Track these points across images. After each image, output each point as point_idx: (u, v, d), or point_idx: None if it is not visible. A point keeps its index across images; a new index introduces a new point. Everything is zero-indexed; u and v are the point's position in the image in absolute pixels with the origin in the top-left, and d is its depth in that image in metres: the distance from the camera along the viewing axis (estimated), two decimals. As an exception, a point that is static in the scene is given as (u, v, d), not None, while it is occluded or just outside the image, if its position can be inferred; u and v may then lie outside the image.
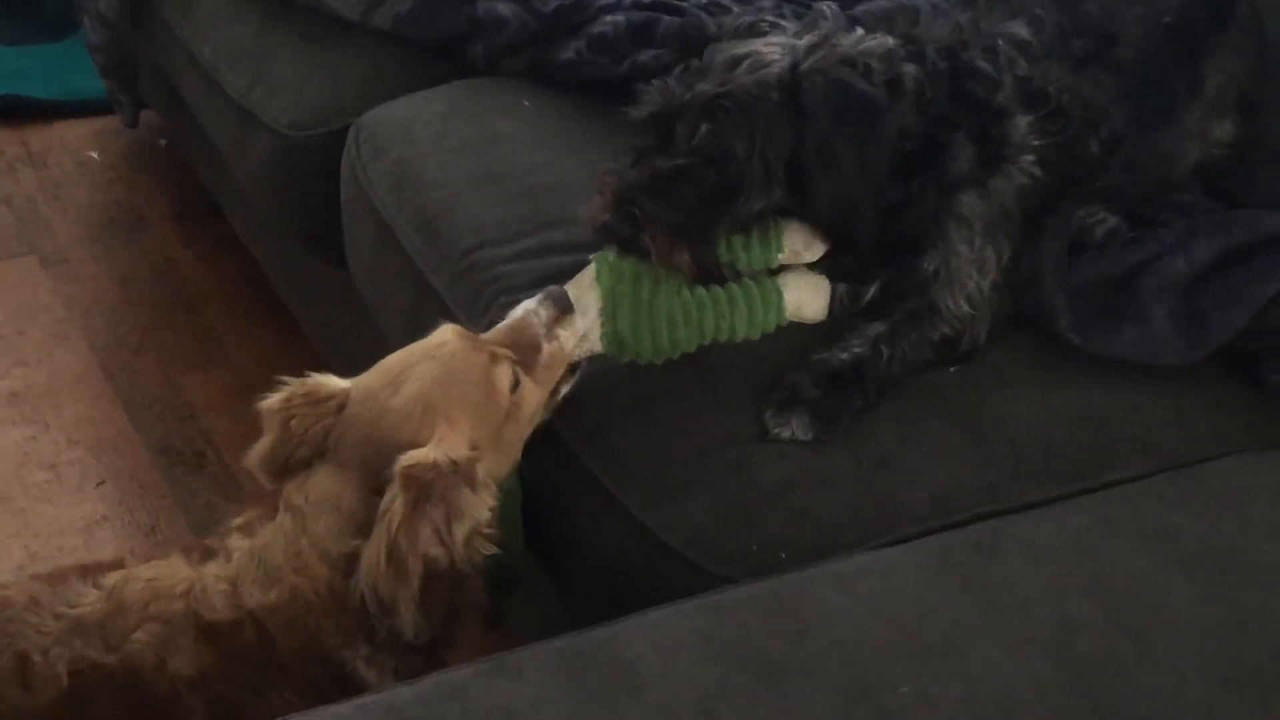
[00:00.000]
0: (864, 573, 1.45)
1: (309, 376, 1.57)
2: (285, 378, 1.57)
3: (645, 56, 1.99)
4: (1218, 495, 1.57)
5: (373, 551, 1.42)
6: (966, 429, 1.68)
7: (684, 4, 2.04)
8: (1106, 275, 1.76)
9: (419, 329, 1.88)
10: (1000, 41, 1.69)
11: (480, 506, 1.48)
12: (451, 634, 1.55)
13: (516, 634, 1.65)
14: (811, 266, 1.69)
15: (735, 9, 2.00)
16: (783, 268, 1.68)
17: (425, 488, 1.43)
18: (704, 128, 1.57)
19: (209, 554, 1.53)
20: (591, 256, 1.68)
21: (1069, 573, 1.45)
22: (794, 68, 1.59)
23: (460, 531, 1.46)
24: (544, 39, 2.07)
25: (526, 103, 2.07)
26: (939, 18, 1.70)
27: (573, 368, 1.63)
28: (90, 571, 1.54)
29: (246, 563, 1.50)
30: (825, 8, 1.68)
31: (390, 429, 1.49)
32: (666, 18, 2.01)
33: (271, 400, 1.55)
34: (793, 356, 1.70)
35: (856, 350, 1.68)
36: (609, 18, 2.04)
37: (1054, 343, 1.75)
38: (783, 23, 1.68)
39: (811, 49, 1.61)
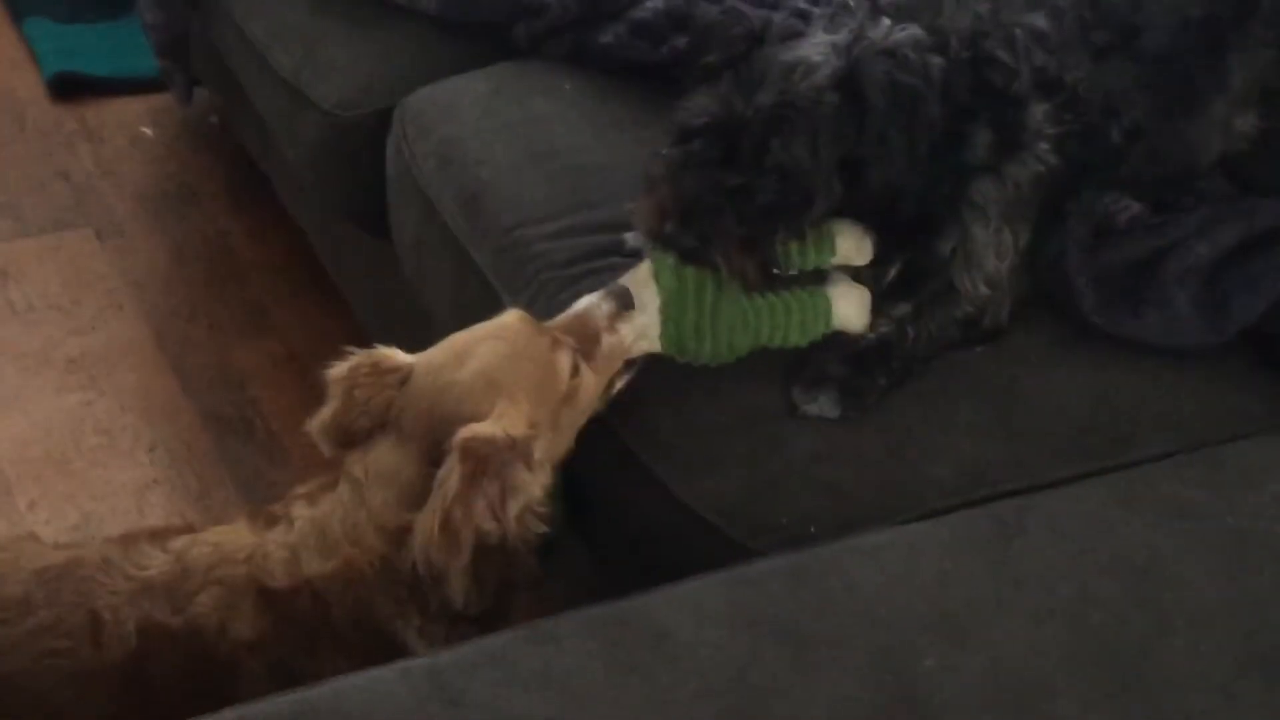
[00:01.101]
0: (890, 546, 1.47)
1: (376, 348, 1.58)
2: (351, 348, 1.59)
3: (683, 42, 1.99)
4: (1238, 475, 1.58)
5: (427, 520, 1.44)
6: (991, 407, 1.70)
7: (720, -11, 2.06)
8: (1130, 259, 1.77)
9: (461, 303, 1.92)
10: (1018, 31, 1.70)
11: (534, 484, 1.50)
12: (505, 607, 1.57)
13: (556, 602, 1.70)
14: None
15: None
16: (831, 272, 1.70)
17: (483, 461, 1.44)
18: (775, 143, 1.57)
19: (273, 521, 1.55)
20: (636, 244, 1.70)
21: (1090, 549, 1.47)
22: (848, 66, 1.59)
23: (514, 507, 1.47)
24: (584, 23, 2.08)
25: (567, 85, 2.08)
26: (960, 9, 1.70)
27: (629, 363, 1.65)
28: (159, 535, 1.57)
29: (307, 532, 1.52)
30: (852, 1, 1.69)
31: (452, 402, 1.51)
32: (704, 4, 2.00)
33: (338, 369, 1.57)
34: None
35: (883, 330, 1.70)
36: (648, 3, 2.04)
37: (1077, 324, 1.76)
38: (814, 11, 1.69)
39: (851, 45, 1.61)
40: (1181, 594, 1.44)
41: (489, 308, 1.67)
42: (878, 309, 1.72)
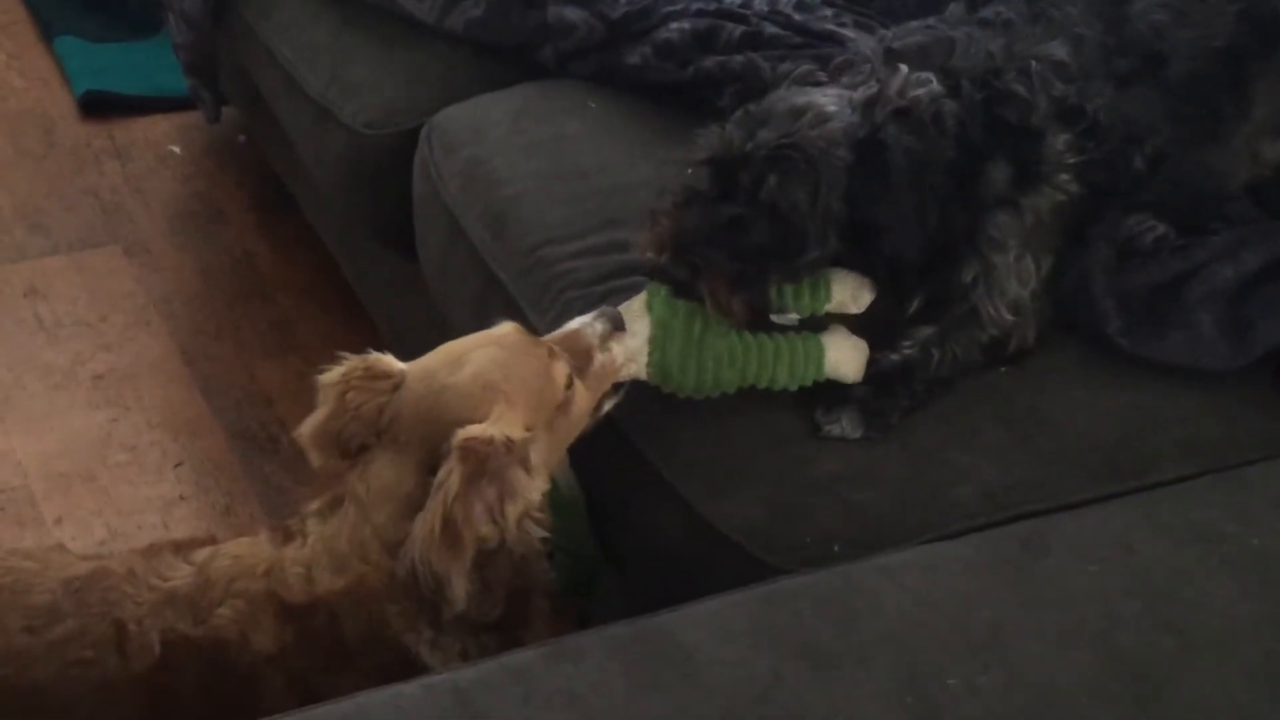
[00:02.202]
0: (913, 566, 1.48)
1: (369, 353, 1.58)
2: (345, 354, 1.58)
3: (709, 63, 2.00)
4: (1260, 498, 1.58)
5: (426, 522, 1.42)
6: (1015, 428, 1.70)
7: (747, 12, 2.05)
8: (1155, 281, 1.77)
9: (486, 321, 1.90)
10: (1034, 63, 1.69)
11: (532, 488, 1.48)
12: (522, 614, 1.56)
13: (581, 618, 1.70)
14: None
15: (796, 17, 2.03)
16: (828, 318, 1.70)
17: (481, 463, 1.43)
18: (772, 179, 1.57)
19: (289, 536, 1.56)
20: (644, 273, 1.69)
21: (1113, 570, 1.47)
22: (870, 129, 1.59)
23: (512, 511, 1.46)
24: (611, 44, 2.09)
25: (592, 105, 2.09)
26: (972, 47, 1.70)
27: (616, 387, 1.65)
28: (183, 546, 1.58)
29: (319, 549, 1.52)
30: (866, 49, 1.69)
31: (450, 405, 1.50)
32: (730, 25, 2.02)
33: (331, 373, 1.56)
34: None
35: (907, 352, 1.70)
36: (674, 24, 2.05)
37: (1102, 345, 1.76)
38: (847, 34, 1.67)
39: (872, 104, 1.61)
40: (1205, 615, 1.44)
41: (515, 326, 1.68)
42: (903, 332, 1.72)
